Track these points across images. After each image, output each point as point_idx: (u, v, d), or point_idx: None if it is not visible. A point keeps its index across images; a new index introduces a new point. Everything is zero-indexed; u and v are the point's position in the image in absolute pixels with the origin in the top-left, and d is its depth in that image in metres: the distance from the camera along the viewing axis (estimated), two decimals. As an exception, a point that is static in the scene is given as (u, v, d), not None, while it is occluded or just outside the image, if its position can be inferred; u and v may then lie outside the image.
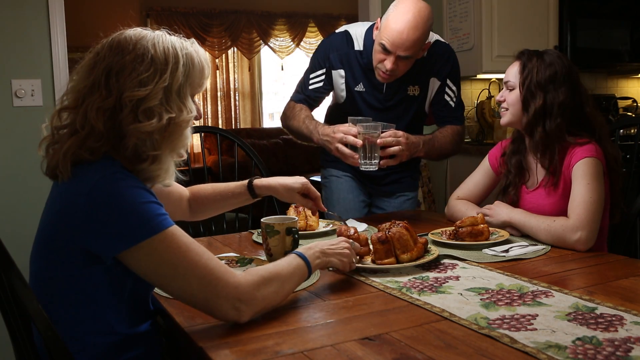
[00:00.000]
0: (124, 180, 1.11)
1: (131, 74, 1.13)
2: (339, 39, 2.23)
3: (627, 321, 1.10)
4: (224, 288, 1.10)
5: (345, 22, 7.57)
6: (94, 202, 1.08)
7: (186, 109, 1.19)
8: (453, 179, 3.69)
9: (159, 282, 1.12)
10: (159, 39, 1.18)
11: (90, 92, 1.14)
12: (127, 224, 1.08)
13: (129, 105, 1.12)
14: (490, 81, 3.82)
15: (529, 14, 3.52)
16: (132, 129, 1.13)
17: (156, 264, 1.09)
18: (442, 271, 1.47)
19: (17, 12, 2.75)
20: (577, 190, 1.71)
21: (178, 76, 1.17)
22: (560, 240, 1.66)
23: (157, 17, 6.69)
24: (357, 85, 2.21)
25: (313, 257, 1.29)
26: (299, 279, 1.25)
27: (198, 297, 1.11)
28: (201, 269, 1.10)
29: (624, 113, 4.08)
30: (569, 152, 1.79)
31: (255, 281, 1.14)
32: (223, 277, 1.11)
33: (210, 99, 7.15)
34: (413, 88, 2.20)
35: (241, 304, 1.11)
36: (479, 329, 1.09)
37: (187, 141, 1.24)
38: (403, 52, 1.98)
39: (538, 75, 1.82)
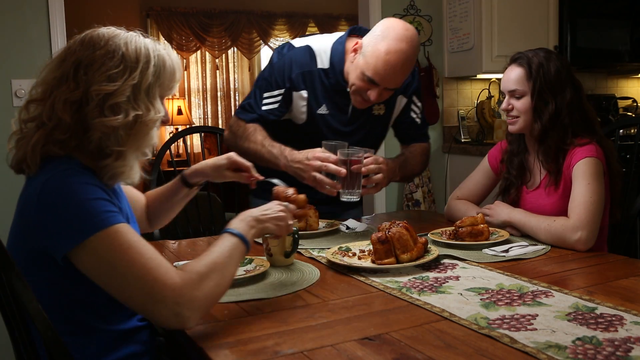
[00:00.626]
0: (74, 176, 1.10)
1: (100, 68, 1.14)
2: (301, 55, 2.00)
3: (627, 321, 1.10)
4: (161, 290, 1.05)
5: (345, 22, 7.58)
6: (43, 201, 1.08)
7: (154, 109, 1.19)
8: (453, 179, 3.70)
9: (101, 282, 1.08)
10: (132, 38, 1.19)
11: (58, 85, 1.15)
12: (72, 221, 1.06)
13: (95, 99, 1.13)
14: (490, 81, 3.83)
15: (529, 14, 3.52)
16: (97, 123, 1.13)
17: (97, 262, 1.06)
18: (442, 271, 1.47)
19: (17, 12, 2.75)
20: (578, 191, 1.71)
21: (148, 76, 1.18)
22: (560, 240, 1.66)
23: (157, 17, 6.68)
24: (319, 108, 2.02)
25: (247, 228, 1.23)
26: (239, 258, 1.19)
27: (136, 301, 1.07)
28: (139, 269, 1.05)
29: (624, 113, 4.08)
30: (570, 152, 1.79)
31: (193, 281, 1.08)
32: (161, 278, 1.05)
33: (210, 99, 7.15)
34: (378, 107, 2.07)
35: (182, 308, 1.05)
36: (479, 329, 1.09)
37: (153, 141, 1.23)
38: (392, 86, 1.89)
39: (546, 79, 1.80)
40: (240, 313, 1.21)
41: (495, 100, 3.83)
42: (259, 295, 1.31)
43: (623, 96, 4.19)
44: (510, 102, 1.88)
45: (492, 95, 3.81)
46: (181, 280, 1.07)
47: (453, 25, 3.66)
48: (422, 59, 3.71)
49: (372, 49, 1.84)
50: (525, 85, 1.83)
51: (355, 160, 1.77)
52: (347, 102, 2.01)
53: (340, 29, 7.64)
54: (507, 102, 1.90)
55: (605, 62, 3.86)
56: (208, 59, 7.11)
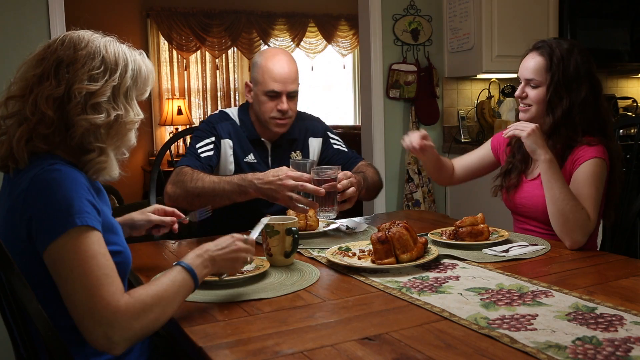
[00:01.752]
0: (59, 172, 1.13)
1: (82, 68, 1.18)
2: (217, 115, 2.20)
3: (627, 321, 1.10)
4: (101, 309, 1.04)
5: (345, 22, 7.58)
6: (30, 195, 1.11)
7: (133, 110, 1.24)
8: (453, 179, 3.69)
9: (55, 278, 1.09)
10: (111, 42, 1.25)
11: (39, 82, 1.18)
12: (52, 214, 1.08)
13: (77, 96, 1.16)
14: (490, 81, 3.83)
15: (529, 14, 3.52)
16: (80, 119, 1.17)
17: (60, 259, 1.07)
18: (442, 271, 1.47)
19: (17, 12, 2.75)
20: (588, 191, 1.70)
21: (127, 79, 1.23)
22: (565, 227, 1.64)
23: (157, 17, 6.68)
24: (246, 156, 2.15)
25: (201, 267, 1.21)
26: (184, 295, 1.18)
27: (77, 310, 1.06)
28: (91, 281, 1.05)
29: (624, 113, 4.08)
30: (577, 149, 1.78)
31: (137, 309, 1.07)
32: (106, 297, 1.05)
33: (210, 99, 7.15)
34: (295, 154, 2.23)
35: (114, 333, 1.04)
36: (479, 329, 1.09)
37: (132, 142, 1.27)
38: (291, 85, 2.08)
39: (565, 74, 1.78)
40: (240, 313, 1.21)
41: (495, 100, 3.83)
42: (259, 295, 1.31)
43: (623, 96, 4.19)
44: (525, 90, 1.86)
45: (492, 95, 3.81)
46: (124, 306, 1.06)
47: (453, 25, 3.66)
48: (422, 59, 3.71)
49: (259, 72, 2.10)
50: (542, 76, 1.81)
51: (331, 178, 1.78)
52: (265, 153, 2.19)
53: (340, 29, 7.65)
54: (521, 89, 1.87)
55: (605, 62, 3.86)
56: (208, 59, 7.11)
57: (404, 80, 3.62)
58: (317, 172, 1.78)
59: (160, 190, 2.49)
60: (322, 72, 7.79)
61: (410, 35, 3.66)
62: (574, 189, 1.71)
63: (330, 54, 7.74)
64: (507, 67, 3.46)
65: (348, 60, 7.88)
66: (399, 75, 3.61)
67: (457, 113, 3.81)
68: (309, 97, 7.55)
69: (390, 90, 3.62)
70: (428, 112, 3.70)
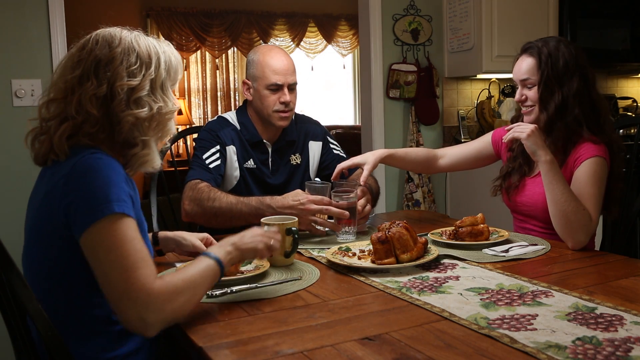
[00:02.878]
0: (101, 159, 1.15)
1: (121, 64, 1.21)
2: (217, 122, 2.20)
3: (627, 321, 1.10)
4: (136, 291, 1.07)
5: (345, 22, 7.58)
6: (71, 180, 1.13)
7: (170, 100, 1.29)
8: (453, 179, 3.70)
9: (92, 262, 1.11)
10: (140, 37, 1.28)
11: (80, 83, 1.20)
12: (91, 200, 1.10)
13: (120, 93, 1.20)
14: (490, 81, 3.83)
15: (529, 14, 3.52)
16: (125, 115, 1.20)
17: (98, 244, 1.10)
18: (442, 271, 1.47)
19: (17, 12, 2.75)
20: (590, 191, 1.70)
21: (161, 71, 1.27)
22: (567, 228, 1.65)
23: (157, 17, 6.69)
24: (246, 162, 2.16)
25: (225, 254, 1.26)
26: (212, 281, 1.22)
27: (112, 294, 1.09)
28: (127, 264, 1.09)
29: (624, 113, 4.08)
30: (579, 145, 1.78)
31: (169, 293, 1.11)
32: (141, 279, 1.08)
33: (210, 99, 7.15)
34: (295, 157, 2.24)
35: (148, 314, 1.08)
36: (478, 329, 1.09)
37: (172, 132, 1.33)
38: (290, 77, 2.12)
39: (553, 69, 1.80)
40: (240, 313, 1.21)
41: (495, 100, 3.83)
42: (259, 295, 1.31)
43: (623, 96, 4.19)
44: (523, 93, 1.88)
45: (492, 95, 3.81)
46: (157, 289, 1.09)
47: (453, 25, 3.66)
48: (422, 59, 3.71)
49: (257, 67, 2.12)
50: (535, 75, 1.83)
51: (351, 199, 1.80)
52: (266, 156, 2.19)
53: (340, 29, 7.65)
54: (519, 93, 1.89)
55: (605, 62, 3.86)
56: (208, 59, 7.11)
57: (404, 80, 3.62)
58: (340, 195, 1.80)
59: (161, 190, 2.50)
60: (322, 72, 7.79)
61: (410, 35, 3.66)
62: (575, 188, 1.71)
63: (330, 54, 7.74)
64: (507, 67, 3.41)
65: (348, 60, 7.88)
66: (399, 75, 3.61)
67: (457, 113, 3.81)
68: (309, 97, 7.55)
69: (390, 90, 3.62)
70: (428, 112, 3.70)
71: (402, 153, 2.13)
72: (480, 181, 2.21)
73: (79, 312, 1.19)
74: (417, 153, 2.15)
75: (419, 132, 3.66)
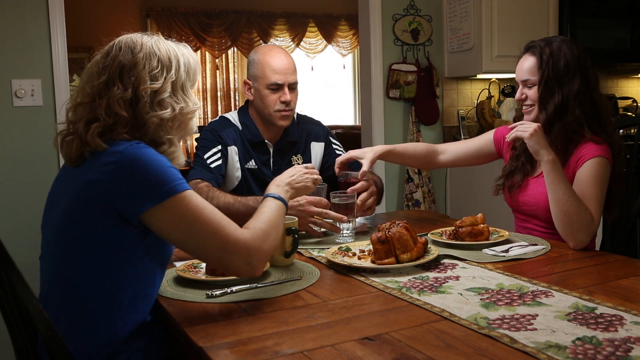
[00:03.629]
0: (148, 148, 1.23)
1: (144, 69, 1.28)
2: (219, 122, 2.22)
3: (627, 321, 1.10)
4: (234, 244, 1.21)
5: (345, 22, 7.58)
6: (123, 166, 1.18)
7: (191, 101, 1.35)
8: (453, 179, 3.70)
9: (178, 238, 1.21)
10: (160, 41, 1.34)
11: (106, 88, 1.26)
12: (152, 184, 1.18)
13: (145, 96, 1.27)
14: (490, 81, 3.83)
15: (529, 14, 3.52)
16: (150, 117, 1.27)
17: (176, 221, 1.19)
18: (442, 271, 1.47)
19: (17, 12, 2.75)
20: (592, 191, 1.70)
21: (181, 73, 1.33)
22: (569, 228, 1.64)
23: (157, 17, 6.69)
24: (247, 163, 2.17)
25: (284, 192, 1.45)
26: (283, 216, 1.41)
27: (213, 253, 1.22)
28: (214, 227, 1.20)
29: (624, 113, 4.08)
30: (582, 145, 1.78)
31: (260, 236, 1.26)
32: (233, 234, 1.22)
33: (210, 99, 7.15)
34: (296, 157, 2.26)
35: (252, 258, 1.23)
36: (479, 329, 1.09)
37: (194, 130, 1.40)
38: (291, 76, 2.13)
39: (554, 70, 1.80)
40: (240, 313, 1.21)
41: (495, 100, 3.83)
42: (259, 295, 1.31)
43: (623, 96, 4.19)
44: (524, 92, 1.88)
45: (492, 95, 3.81)
46: (250, 236, 1.24)
47: (453, 25, 3.66)
48: (422, 59, 3.71)
49: (258, 67, 2.14)
50: (536, 75, 1.83)
51: (349, 202, 1.79)
52: (267, 156, 2.20)
53: (340, 29, 7.65)
54: (520, 92, 1.89)
55: (605, 62, 3.86)
56: (208, 59, 7.11)
57: (404, 80, 3.62)
58: (339, 197, 1.80)
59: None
60: (322, 72, 7.80)
61: (410, 35, 3.66)
62: (578, 188, 1.71)
63: (330, 54, 7.74)
64: (507, 67, 3.46)
65: (348, 60, 7.89)
66: (399, 75, 3.61)
67: (457, 113, 3.81)
68: (309, 97, 7.55)
69: (390, 90, 3.62)
70: (428, 112, 3.70)
71: (401, 149, 2.12)
72: (480, 181, 2.21)
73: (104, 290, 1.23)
74: (416, 148, 2.14)
75: (419, 132, 3.66)
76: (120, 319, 1.23)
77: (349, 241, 1.77)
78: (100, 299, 1.22)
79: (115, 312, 1.23)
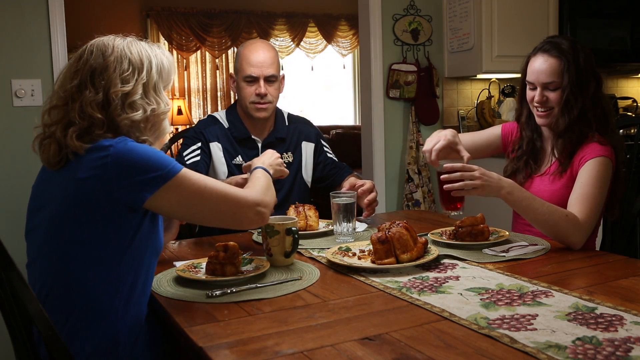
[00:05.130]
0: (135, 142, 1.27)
1: (114, 72, 1.29)
2: (206, 120, 2.29)
3: (627, 321, 1.10)
4: (244, 200, 1.35)
5: (345, 22, 7.58)
6: (117, 159, 1.21)
7: (163, 102, 1.37)
8: (453, 179, 3.69)
9: (190, 213, 1.31)
10: (132, 43, 1.36)
11: (79, 91, 1.28)
12: (150, 171, 1.23)
13: (115, 99, 1.28)
14: (490, 81, 3.83)
15: (529, 14, 3.52)
16: (122, 119, 1.29)
17: (184, 198, 1.27)
18: (442, 271, 1.47)
19: (17, 12, 2.75)
20: (589, 191, 1.70)
21: (153, 74, 1.35)
22: (559, 235, 1.64)
23: (157, 17, 6.68)
24: (234, 159, 2.22)
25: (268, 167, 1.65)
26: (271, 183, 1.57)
27: (227, 213, 1.34)
28: (221, 192, 1.32)
29: (624, 113, 4.08)
30: (586, 145, 1.78)
31: (261, 191, 1.43)
32: (239, 193, 1.36)
33: (210, 99, 7.16)
34: (287, 155, 2.28)
35: (260, 207, 1.38)
36: (479, 329, 1.09)
37: (168, 130, 1.42)
38: (267, 70, 2.16)
39: (577, 73, 1.78)
40: (240, 313, 1.21)
41: (495, 100, 3.83)
42: (259, 296, 1.31)
43: (623, 96, 4.19)
44: (545, 94, 1.82)
45: (492, 95, 3.81)
46: (254, 192, 1.41)
47: (453, 25, 3.66)
48: (422, 59, 3.71)
49: (238, 60, 2.21)
50: (561, 77, 1.80)
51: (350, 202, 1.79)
52: (256, 152, 2.21)
53: (340, 29, 7.65)
54: (540, 94, 1.83)
55: (605, 62, 3.86)
56: (208, 59, 7.11)
57: (404, 80, 3.62)
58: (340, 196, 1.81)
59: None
60: (322, 72, 7.79)
61: (410, 35, 3.66)
62: (576, 186, 1.72)
63: (330, 54, 7.74)
64: (507, 67, 3.46)
65: (348, 60, 7.88)
66: (399, 75, 3.61)
67: (457, 113, 3.81)
68: (309, 97, 7.55)
69: (390, 90, 3.62)
70: (428, 112, 3.70)
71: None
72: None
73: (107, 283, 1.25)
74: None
75: (419, 132, 3.66)
76: (121, 310, 1.25)
77: (349, 241, 1.77)
78: (105, 292, 1.24)
79: (117, 305, 1.25)
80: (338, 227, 1.80)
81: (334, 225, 1.81)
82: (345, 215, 1.78)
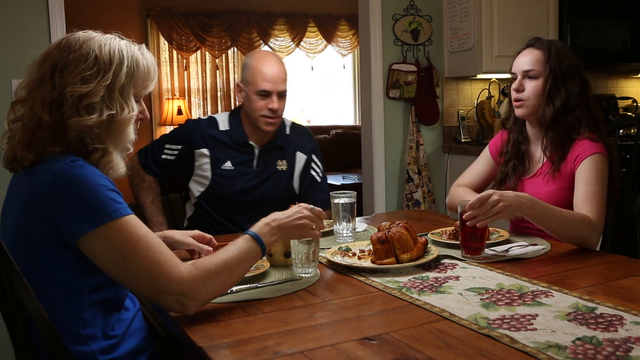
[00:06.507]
0: (84, 167, 1.15)
1: (74, 71, 1.18)
2: (204, 122, 2.29)
3: (627, 321, 1.10)
4: (167, 283, 1.13)
5: (345, 22, 7.57)
6: (56, 189, 1.12)
7: (128, 107, 1.23)
8: (453, 179, 3.68)
9: (110, 270, 1.15)
10: (107, 41, 1.24)
11: (38, 86, 1.19)
12: (86, 209, 1.11)
13: (70, 99, 1.17)
14: (490, 81, 3.82)
15: (529, 14, 3.52)
16: (73, 122, 1.17)
17: (108, 251, 1.13)
18: (442, 271, 1.47)
19: (17, 12, 2.75)
20: (594, 189, 1.71)
21: (121, 76, 1.22)
22: (581, 241, 1.65)
23: (157, 17, 6.68)
24: (224, 164, 2.22)
25: (269, 234, 1.30)
26: (252, 261, 1.27)
27: (144, 290, 1.15)
28: (147, 262, 1.13)
29: (624, 113, 4.08)
30: (578, 142, 1.79)
31: (199, 276, 1.16)
32: (167, 272, 1.13)
33: (210, 99, 7.15)
34: (281, 162, 2.29)
35: (185, 298, 1.15)
36: (478, 329, 1.09)
37: (131, 137, 1.27)
38: (281, 85, 2.18)
39: (562, 65, 1.82)
40: (240, 313, 1.21)
41: (495, 100, 3.83)
42: (259, 295, 1.31)
43: (623, 96, 4.18)
44: (522, 83, 1.87)
45: (492, 95, 3.81)
46: (188, 275, 1.15)
47: (453, 25, 3.66)
48: (422, 59, 3.71)
49: (249, 73, 2.18)
50: (541, 67, 1.84)
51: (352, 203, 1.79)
52: (251, 157, 2.24)
53: (340, 29, 7.64)
54: (519, 82, 1.88)
55: (605, 62, 3.86)
56: (208, 59, 7.10)
57: (404, 80, 3.61)
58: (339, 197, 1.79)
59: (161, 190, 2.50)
60: (322, 72, 7.79)
61: (410, 35, 3.66)
62: (580, 187, 1.72)
63: (330, 54, 7.74)
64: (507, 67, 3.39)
65: (348, 60, 7.88)
66: (399, 75, 3.61)
67: (457, 113, 3.81)
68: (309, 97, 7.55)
69: (390, 90, 3.62)
70: (428, 112, 3.70)
71: None
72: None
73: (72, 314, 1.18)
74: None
75: (419, 132, 3.66)
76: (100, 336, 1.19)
77: (349, 241, 1.77)
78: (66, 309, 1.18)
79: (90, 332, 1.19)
80: (338, 227, 1.80)
81: (334, 225, 1.81)
82: (345, 216, 1.78)
